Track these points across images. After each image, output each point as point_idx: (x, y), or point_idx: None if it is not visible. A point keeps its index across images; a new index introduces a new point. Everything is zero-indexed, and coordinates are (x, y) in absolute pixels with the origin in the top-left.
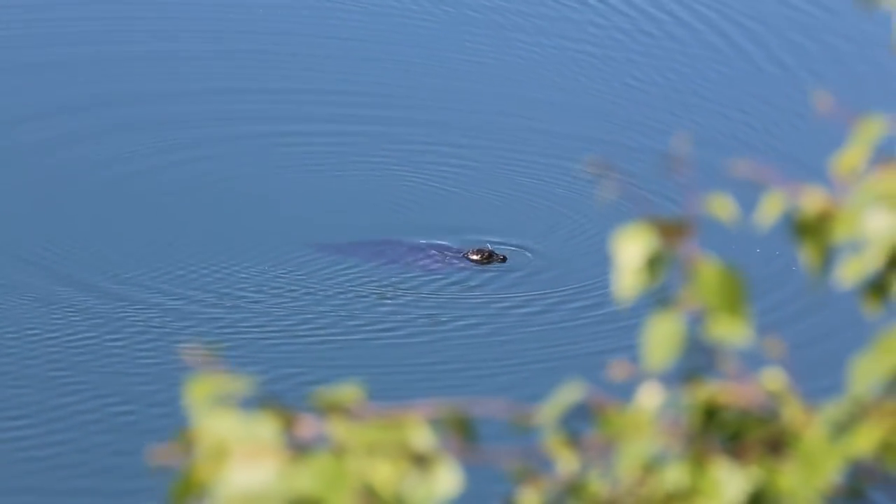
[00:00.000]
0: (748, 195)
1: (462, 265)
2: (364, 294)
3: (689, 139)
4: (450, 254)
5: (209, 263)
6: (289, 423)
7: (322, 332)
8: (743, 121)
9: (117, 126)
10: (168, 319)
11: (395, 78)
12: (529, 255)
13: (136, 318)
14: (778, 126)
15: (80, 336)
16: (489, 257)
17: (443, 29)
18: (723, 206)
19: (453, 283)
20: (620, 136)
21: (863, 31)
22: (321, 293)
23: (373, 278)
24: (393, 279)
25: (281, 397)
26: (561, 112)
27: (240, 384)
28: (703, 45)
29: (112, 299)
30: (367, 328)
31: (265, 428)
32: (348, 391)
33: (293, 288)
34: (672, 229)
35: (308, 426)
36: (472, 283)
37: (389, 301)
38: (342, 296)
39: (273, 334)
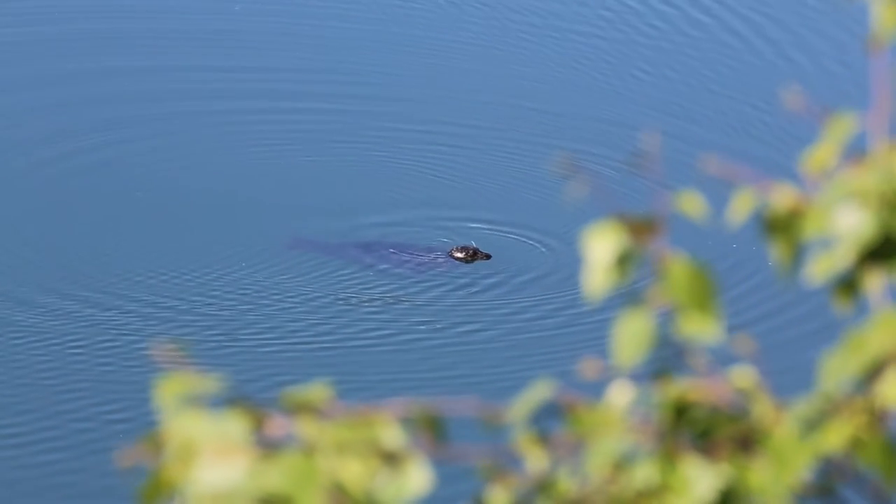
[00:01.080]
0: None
1: (447, 263)
2: (348, 297)
3: (658, 136)
4: (434, 254)
5: (179, 266)
6: (258, 423)
7: (304, 337)
8: (720, 118)
9: (60, 106)
10: (134, 327)
11: (384, 61)
12: (543, 249)
13: (105, 324)
14: (754, 124)
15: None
16: (474, 255)
17: (435, 10)
18: (692, 204)
19: (440, 285)
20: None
21: (837, 27)
22: (303, 297)
23: (357, 281)
24: (380, 281)
25: (253, 398)
26: (555, 97)
27: (210, 384)
28: (674, 40)
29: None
30: (360, 334)
31: (235, 427)
32: (317, 390)
33: (276, 292)
34: (642, 227)
35: (278, 425)
36: (461, 283)
37: (374, 305)
38: (323, 299)
39: (258, 340)
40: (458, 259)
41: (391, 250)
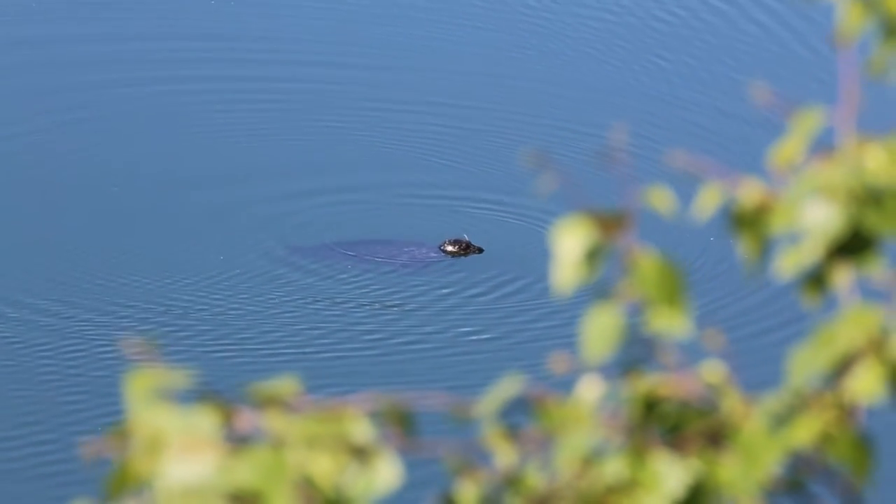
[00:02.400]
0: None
1: (439, 258)
2: (340, 300)
3: (626, 131)
4: (426, 248)
5: (150, 271)
6: (228, 417)
7: (295, 341)
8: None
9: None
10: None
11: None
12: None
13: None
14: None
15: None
16: (466, 248)
17: None
18: (661, 199)
19: (432, 283)
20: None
21: (802, 23)
22: (293, 300)
23: (351, 281)
24: (371, 281)
25: (222, 393)
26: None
27: (179, 378)
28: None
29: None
30: (356, 337)
31: (203, 421)
32: (286, 385)
33: (270, 296)
34: (611, 222)
35: (247, 419)
36: (450, 278)
37: (377, 308)
38: (319, 303)
39: (240, 345)
40: (450, 253)
41: (380, 246)
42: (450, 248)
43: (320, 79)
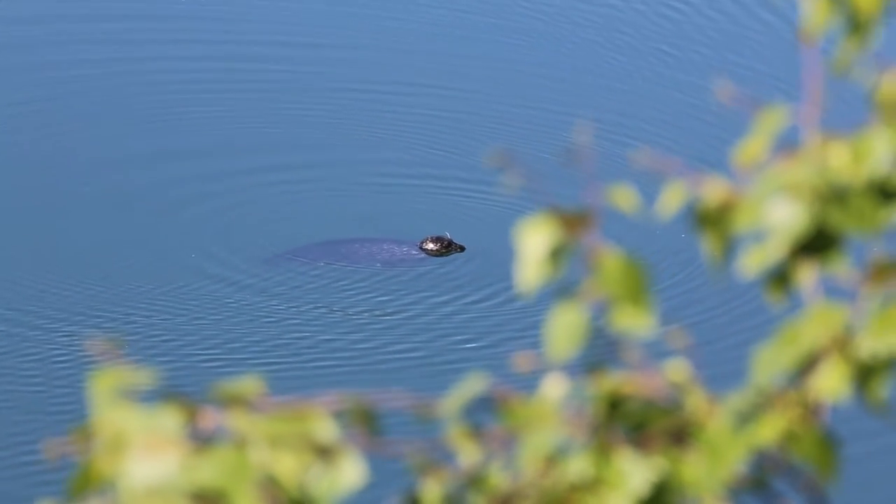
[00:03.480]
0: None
1: (420, 256)
2: (324, 304)
3: (590, 128)
4: (406, 246)
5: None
6: (191, 416)
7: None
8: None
9: None
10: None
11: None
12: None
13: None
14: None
15: None
16: (448, 247)
17: None
18: (624, 197)
19: (415, 279)
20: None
21: (768, 20)
22: (267, 305)
23: (331, 283)
24: (353, 283)
25: (186, 393)
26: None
27: (144, 377)
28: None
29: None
30: (355, 344)
31: (167, 420)
32: (249, 384)
33: (247, 302)
34: (575, 220)
35: (211, 419)
36: (434, 277)
37: (349, 313)
38: (299, 307)
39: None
40: (430, 251)
41: (358, 245)
42: (430, 246)
43: (283, 60)
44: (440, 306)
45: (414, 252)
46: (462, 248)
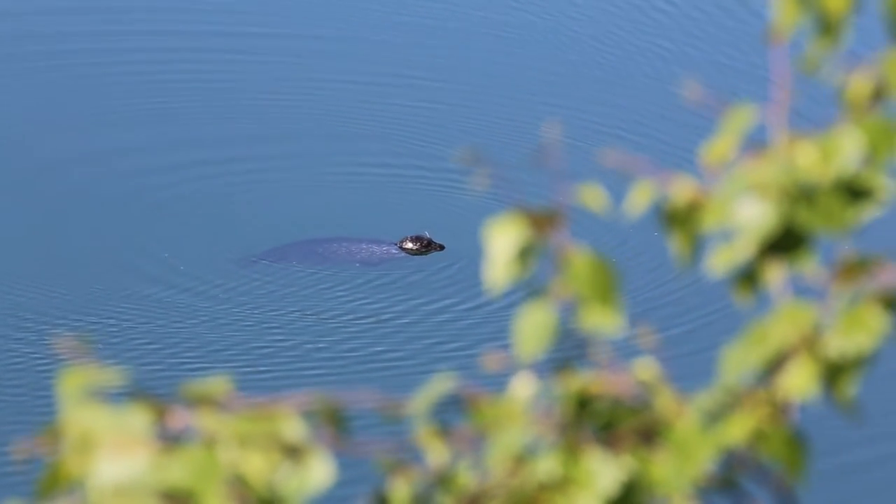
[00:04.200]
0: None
1: (400, 255)
2: (310, 307)
3: (559, 128)
4: (385, 246)
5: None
6: (160, 415)
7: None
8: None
9: None
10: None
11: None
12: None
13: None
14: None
15: None
16: (427, 245)
17: None
18: (593, 197)
19: (395, 280)
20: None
21: (735, 20)
22: (249, 307)
23: (313, 284)
24: (337, 281)
25: (155, 392)
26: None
27: (111, 377)
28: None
29: None
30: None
31: (135, 419)
32: (218, 384)
33: (223, 304)
34: (544, 219)
35: (179, 418)
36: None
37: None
38: (279, 311)
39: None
40: (409, 251)
41: (336, 245)
42: (409, 246)
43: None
44: (419, 307)
45: (394, 251)
46: (441, 247)
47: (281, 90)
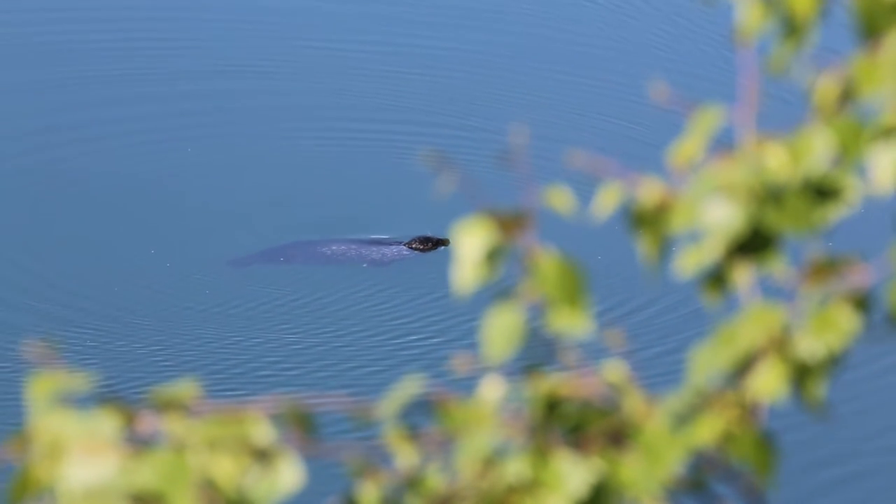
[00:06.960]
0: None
1: (409, 255)
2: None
3: (526, 131)
4: (393, 246)
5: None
6: (129, 420)
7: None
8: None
9: None
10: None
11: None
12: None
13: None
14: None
15: None
16: (436, 244)
17: None
18: (560, 199)
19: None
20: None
21: (700, 21)
22: (250, 309)
23: (320, 286)
24: (351, 283)
25: (125, 397)
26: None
27: (80, 382)
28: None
29: None
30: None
31: (104, 424)
32: (185, 388)
33: (226, 309)
34: (512, 222)
35: (148, 422)
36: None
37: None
38: (284, 312)
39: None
40: (419, 250)
41: (343, 246)
42: (419, 246)
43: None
44: (410, 301)
45: (406, 251)
46: (447, 242)
47: (275, 88)
